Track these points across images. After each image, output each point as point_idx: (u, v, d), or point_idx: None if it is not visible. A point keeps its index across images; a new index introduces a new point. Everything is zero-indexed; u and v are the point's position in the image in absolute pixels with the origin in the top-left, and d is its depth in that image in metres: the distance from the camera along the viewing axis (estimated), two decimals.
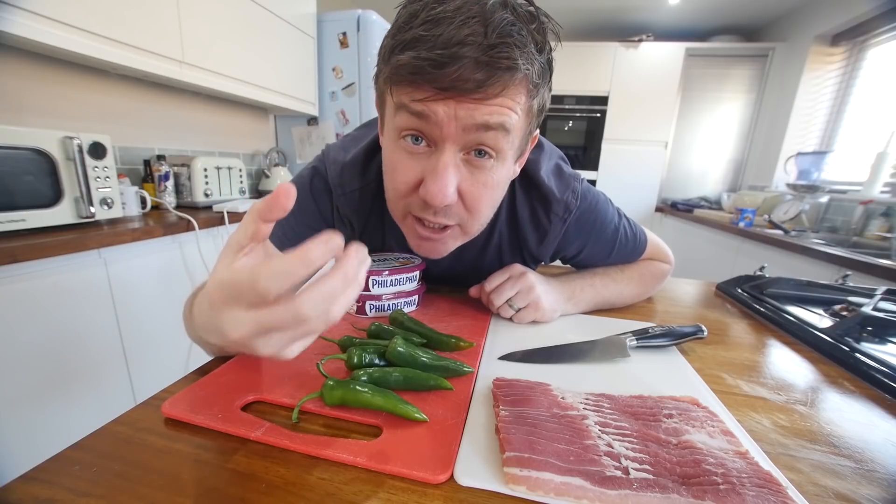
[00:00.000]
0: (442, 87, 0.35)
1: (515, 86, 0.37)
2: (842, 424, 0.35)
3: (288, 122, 2.28)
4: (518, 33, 0.35)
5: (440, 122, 0.37)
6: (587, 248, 0.60)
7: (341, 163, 0.54)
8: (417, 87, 0.36)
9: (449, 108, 0.36)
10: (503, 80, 0.35)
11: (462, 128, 0.37)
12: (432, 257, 0.50)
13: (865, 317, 0.54)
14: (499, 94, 0.36)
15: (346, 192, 0.55)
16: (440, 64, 0.33)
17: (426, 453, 0.28)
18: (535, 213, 0.56)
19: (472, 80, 0.34)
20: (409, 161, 0.41)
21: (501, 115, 0.37)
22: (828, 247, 1.51)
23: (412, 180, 0.42)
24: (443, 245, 0.48)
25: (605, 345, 0.45)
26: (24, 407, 0.88)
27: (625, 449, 0.28)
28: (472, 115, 0.36)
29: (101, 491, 0.25)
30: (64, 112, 1.30)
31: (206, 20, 1.44)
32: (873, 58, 2.16)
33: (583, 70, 3.02)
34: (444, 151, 0.39)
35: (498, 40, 0.33)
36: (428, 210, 0.43)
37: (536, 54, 0.37)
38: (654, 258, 0.67)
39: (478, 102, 0.36)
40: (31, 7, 0.95)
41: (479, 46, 0.33)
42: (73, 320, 0.96)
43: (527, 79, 0.37)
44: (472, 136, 0.38)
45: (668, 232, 2.94)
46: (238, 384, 0.36)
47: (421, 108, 0.37)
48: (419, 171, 0.41)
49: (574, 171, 0.57)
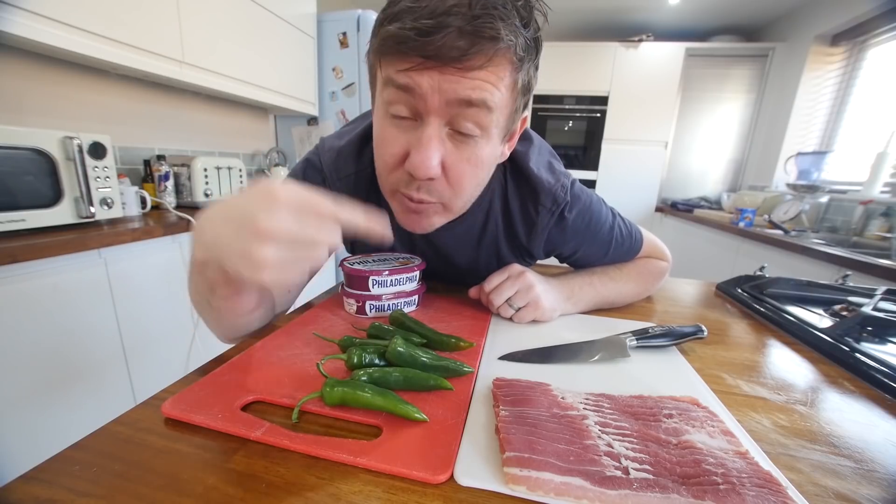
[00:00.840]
0: (426, 56, 0.35)
1: (499, 58, 0.37)
2: (842, 424, 0.35)
3: (288, 122, 2.28)
4: (503, 6, 0.35)
5: (424, 95, 0.37)
6: (583, 248, 0.60)
7: (336, 149, 0.55)
8: (403, 56, 0.37)
9: (433, 80, 0.37)
10: (486, 49, 0.36)
11: (445, 101, 0.38)
12: (417, 231, 0.50)
13: (865, 317, 0.54)
14: (482, 66, 0.36)
15: (340, 177, 0.55)
16: (425, 32, 0.34)
17: (426, 453, 0.28)
18: (524, 204, 0.57)
19: (456, 47, 0.35)
20: (396, 133, 0.42)
21: (484, 91, 0.38)
22: (828, 247, 1.51)
23: (399, 153, 0.42)
24: (427, 219, 0.48)
25: (605, 345, 0.45)
26: (24, 407, 0.88)
27: (625, 449, 0.28)
28: (455, 89, 0.37)
29: (101, 491, 0.25)
30: (64, 112, 1.30)
31: (206, 20, 1.44)
32: (873, 58, 2.16)
33: (583, 70, 3.02)
34: (429, 124, 0.39)
35: (482, 11, 0.34)
36: (412, 184, 0.43)
37: (521, 28, 0.37)
38: (651, 256, 0.67)
39: (461, 74, 0.36)
40: (31, 7, 0.95)
41: (464, 16, 0.34)
42: (73, 320, 0.96)
43: (511, 51, 0.37)
44: (455, 110, 0.39)
45: (668, 232, 2.94)
46: (238, 384, 0.36)
47: (405, 80, 0.37)
48: (405, 143, 0.41)
49: (565, 171, 0.58)
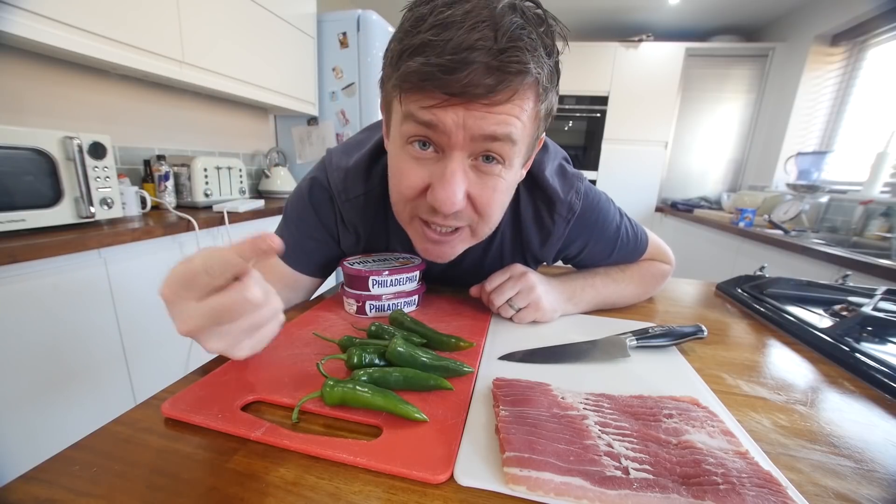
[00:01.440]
0: (452, 93, 0.34)
1: (525, 90, 0.36)
2: (842, 424, 0.35)
3: (288, 122, 2.28)
4: (528, 37, 0.34)
5: (448, 131, 0.37)
6: (589, 248, 0.60)
7: (344, 168, 0.54)
8: (427, 93, 0.35)
9: (458, 116, 0.36)
10: (514, 84, 0.35)
11: (470, 137, 0.37)
12: (440, 262, 0.50)
13: (865, 317, 0.54)
14: (509, 99, 0.35)
15: (349, 197, 0.54)
16: (450, 69, 0.33)
17: (426, 453, 0.28)
18: (538, 213, 0.56)
19: (483, 84, 0.34)
20: (415, 166, 0.41)
21: (508, 126, 0.37)
22: (828, 247, 1.51)
23: (419, 185, 0.41)
24: (451, 248, 0.48)
25: (605, 345, 0.45)
26: (24, 407, 0.88)
27: (625, 449, 0.28)
28: (481, 126, 0.36)
29: (101, 491, 0.25)
30: (64, 112, 1.30)
31: (206, 20, 1.44)
32: (873, 58, 2.16)
33: (583, 70, 3.01)
34: (453, 158, 0.39)
35: (508, 44, 0.33)
36: (437, 215, 0.43)
37: (546, 58, 0.36)
38: (654, 258, 0.67)
39: (487, 109, 0.35)
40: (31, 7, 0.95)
41: (490, 51, 0.33)
42: (73, 320, 0.96)
43: (537, 83, 0.37)
44: (479, 144, 0.38)
45: (668, 232, 2.94)
46: (238, 384, 0.36)
47: (429, 117, 0.36)
48: (426, 176, 0.41)
49: (577, 171, 0.57)
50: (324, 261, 0.60)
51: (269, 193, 2.08)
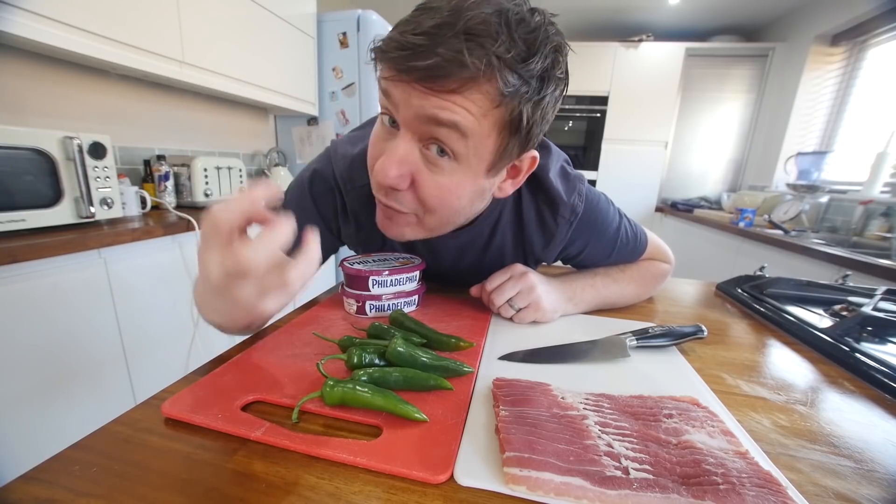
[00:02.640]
0: (398, 69, 0.36)
1: (474, 87, 0.35)
2: (842, 424, 0.35)
3: (288, 122, 2.28)
4: (491, 35, 0.33)
5: (396, 104, 0.38)
6: (588, 248, 0.60)
7: (350, 157, 0.54)
8: (387, 63, 0.37)
9: (404, 93, 0.37)
10: (454, 74, 0.34)
11: (414, 115, 0.37)
12: (390, 237, 0.49)
13: (865, 317, 0.54)
14: (455, 90, 0.35)
15: (355, 186, 0.54)
16: (402, 46, 0.34)
17: (426, 453, 0.28)
18: (541, 215, 0.56)
19: (424, 67, 0.34)
20: (379, 140, 0.43)
21: (454, 114, 0.36)
22: (828, 247, 1.51)
23: (376, 155, 0.42)
24: (398, 227, 0.47)
25: (605, 345, 0.45)
26: (24, 407, 0.88)
27: (625, 449, 0.28)
28: (423, 105, 0.36)
29: (101, 491, 0.25)
30: (64, 112, 1.30)
31: (206, 20, 1.44)
32: (873, 58, 2.16)
33: (583, 70, 3.01)
34: (400, 136, 0.40)
35: (466, 37, 0.33)
36: (380, 190, 0.43)
37: (517, 63, 0.34)
38: (654, 258, 0.67)
39: (430, 93, 0.35)
40: (31, 7, 0.95)
41: (445, 38, 0.33)
42: (73, 320, 0.96)
43: (490, 84, 0.35)
44: (424, 126, 0.38)
45: (668, 232, 2.94)
46: (238, 384, 0.36)
47: (385, 85, 0.38)
48: (383, 149, 0.42)
49: (578, 173, 0.57)
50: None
51: None
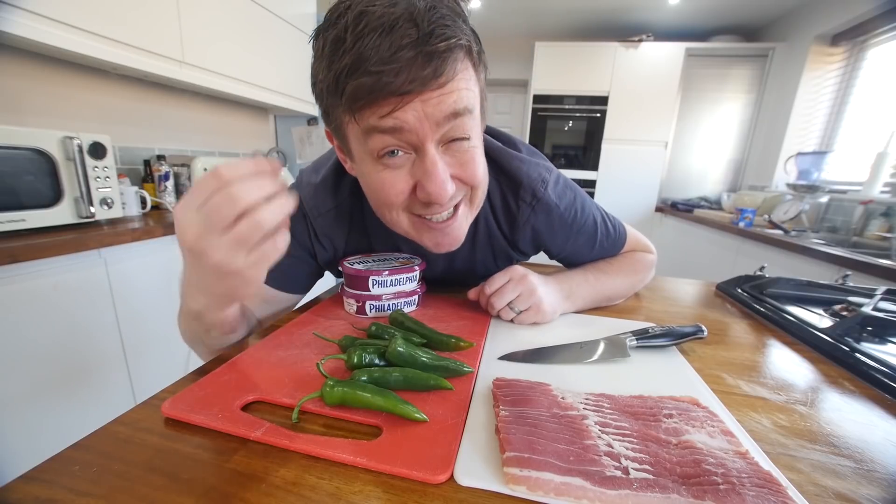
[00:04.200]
0: (404, 92, 0.36)
1: (462, 62, 0.38)
2: (842, 424, 0.35)
3: (288, 122, 2.28)
4: (441, 13, 0.36)
5: (414, 128, 0.38)
6: (570, 243, 0.61)
7: (314, 185, 0.55)
8: (380, 103, 0.36)
9: (417, 110, 0.37)
10: (450, 60, 0.36)
11: (435, 123, 0.38)
12: (452, 249, 0.50)
13: (865, 317, 0.54)
14: (453, 77, 0.37)
15: (321, 213, 0.55)
16: (392, 72, 0.34)
17: (426, 453, 0.28)
18: (505, 198, 0.57)
19: (426, 73, 0.35)
20: (395, 175, 0.42)
21: (463, 99, 0.38)
22: (828, 247, 1.51)
23: (406, 190, 0.43)
24: (458, 230, 0.49)
25: (605, 345, 0.45)
26: (24, 407, 0.88)
27: (625, 449, 0.28)
28: (441, 109, 0.37)
29: (101, 491, 0.25)
30: (64, 112, 1.30)
31: (206, 20, 1.45)
32: (873, 58, 2.16)
33: (583, 70, 3.01)
34: (427, 151, 0.40)
35: (430, 27, 0.35)
36: (433, 206, 0.44)
37: (462, 24, 0.38)
38: (636, 250, 0.68)
39: (439, 92, 0.37)
40: (31, 7, 0.95)
41: (418, 41, 0.34)
42: (73, 320, 0.96)
43: (469, 49, 0.39)
44: (444, 128, 0.39)
45: (668, 232, 2.94)
46: (238, 384, 0.36)
47: (392, 122, 0.37)
48: (409, 178, 0.42)
49: (549, 165, 0.58)
50: (300, 276, 0.59)
51: None
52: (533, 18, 3.06)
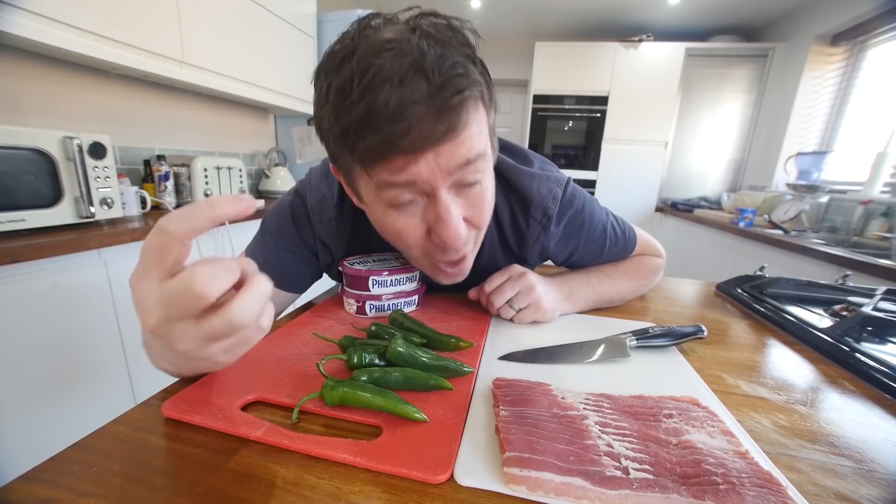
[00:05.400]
0: (415, 151, 0.35)
1: (475, 110, 0.37)
2: (842, 424, 0.35)
3: (288, 122, 2.28)
4: (453, 60, 0.34)
5: (427, 181, 0.37)
6: (578, 251, 0.60)
7: (323, 193, 0.54)
8: (392, 160, 0.35)
9: (430, 164, 0.36)
10: (464, 112, 0.35)
11: (447, 172, 0.37)
12: (456, 281, 0.50)
13: (865, 317, 0.54)
14: (466, 125, 0.36)
15: (323, 220, 0.55)
16: (405, 131, 0.33)
17: (426, 453, 0.28)
18: (514, 216, 0.57)
19: (440, 129, 0.34)
20: (408, 221, 0.41)
21: (475, 147, 0.37)
22: (828, 247, 1.51)
23: (420, 234, 0.42)
24: (466, 265, 0.49)
25: (605, 345, 0.45)
26: (24, 407, 0.88)
27: (625, 449, 0.28)
28: (454, 160, 0.37)
29: (101, 491, 0.25)
30: (64, 112, 1.30)
31: (206, 20, 1.45)
32: (873, 58, 2.16)
33: (583, 70, 3.02)
34: (440, 198, 0.39)
35: (441, 79, 0.33)
36: (448, 251, 0.43)
37: (475, 70, 0.36)
38: (645, 254, 0.68)
39: (452, 144, 0.36)
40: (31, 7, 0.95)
41: (429, 96, 0.33)
42: (73, 320, 0.96)
43: (475, 101, 0.37)
44: (457, 174, 0.38)
45: (668, 232, 2.94)
46: (238, 384, 0.36)
47: (405, 178, 0.36)
48: (421, 224, 0.42)
49: (560, 176, 0.57)
50: (301, 274, 0.59)
51: (269, 193, 2.08)
52: (533, 18, 3.06)
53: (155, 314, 0.24)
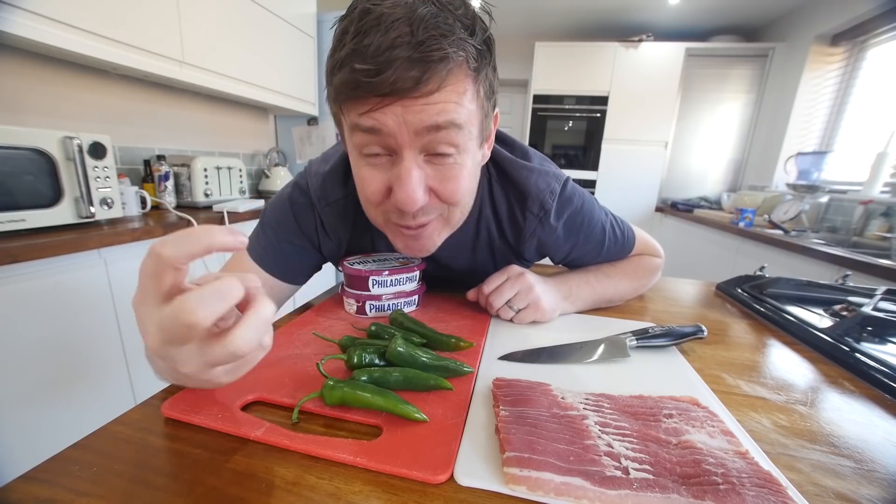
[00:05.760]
0: (383, 94, 0.35)
1: (454, 75, 0.37)
2: (842, 424, 0.35)
3: (288, 122, 2.28)
4: (444, 23, 0.35)
5: (392, 132, 0.37)
6: (576, 250, 0.60)
7: (322, 174, 0.55)
8: (361, 100, 0.36)
9: (396, 115, 0.36)
10: (439, 71, 0.35)
11: (414, 132, 0.37)
12: (423, 255, 0.50)
13: (865, 317, 0.54)
14: (440, 87, 0.36)
15: (329, 202, 0.54)
16: (375, 72, 0.34)
17: (426, 453, 0.28)
18: (511, 209, 0.57)
19: (409, 77, 0.34)
20: (374, 173, 0.42)
21: (448, 113, 0.37)
22: (828, 247, 1.51)
23: (380, 189, 0.42)
24: (429, 241, 0.48)
25: (605, 345, 0.45)
26: (24, 407, 0.88)
27: (625, 449, 0.28)
28: (421, 118, 0.36)
29: (101, 491, 0.25)
30: (64, 112, 1.30)
31: (206, 20, 1.45)
32: (873, 58, 2.16)
33: (583, 70, 3.01)
34: (405, 158, 0.39)
35: (426, 35, 0.34)
36: (406, 216, 0.43)
37: (468, 38, 0.36)
38: (644, 253, 0.68)
39: (422, 102, 0.36)
40: (31, 7, 0.95)
41: (409, 45, 0.33)
42: (73, 320, 0.96)
43: (464, 65, 0.37)
44: (426, 137, 0.38)
45: (667, 232, 2.94)
46: (238, 384, 0.35)
47: (370, 122, 0.37)
48: (385, 180, 0.41)
49: (558, 172, 0.57)
50: (300, 266, 0.59)
51: (269, 193, 2.08)
52: (533, 18, 3.06)
53: (155, 338, 0.25)
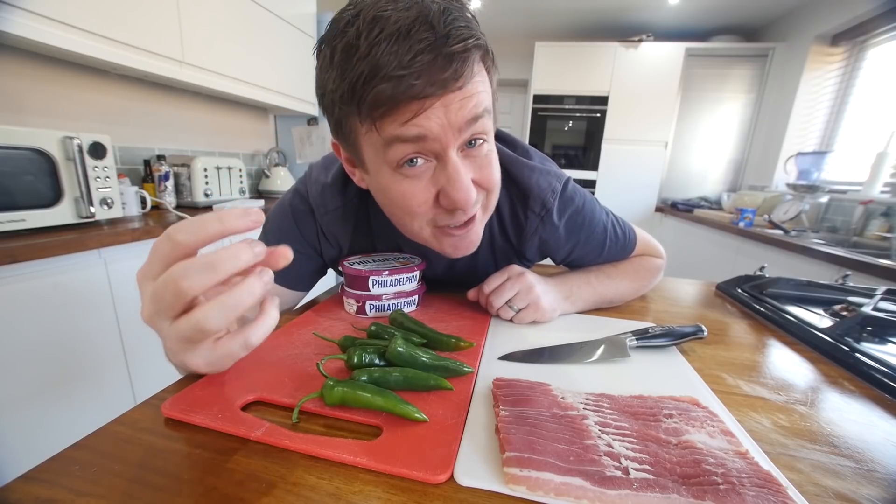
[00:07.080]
0: (425, 96, 0.35)
1: (478, 63, 0.38)
2: (842, 424, 0.35)
3: (288, 122, 2.28)
4: (457, 12, 0.36)
5: (437, 136, 0.37)
6: (577, 250, 0.60)
7: (322, 183, 0.55)
8: (402, 108, 0.35)
9: (440, 116, 0.36)
10: (469, 61, 0.36)
11: (458, 129, 0.38)
12: (471, 251, 0.49)
13: (865, 317, 0.54)
14: (472, 77, 0.37)
15: (328, 210, 0.55)
16: (415, 75, 0.33)
17: (426, 453, 0.28)
18: (513, 208, 0.57)
19: (447, 74, 0.35)
20: (416, 185, 0.41)
21: (483, 102, 0.38)
22: (828, 247, 1.51)
23: (428, 199, 0.42)
24: (476, 234, 0.48)
25: (605, 345, 0.45)
26: (24, 407, 0.88)
27: (625, 449, 0.28)
28: (462, 114, 0.37)
29: (101, 491, 0.25)
30: (64, 112, 1.30)
31: (206, 20, 1.45)
32: (873, 58, 2.16)
33: (583, 70, 3.02)
34: (450, 159, 0.39)
35: (446, 29, 0.34)
36: (456, 214, 0.43)
37: (471, 20, 0.37)
38: (645, 254, 0.68)
39: (461, 95, 0.36)
40: (31, 7, 0.95)
41: (436, 44, 0.34)
42: (73, 320, 0.96)
43: (485, 50, 0.39)
44: (466, 133, 0.39)
45: (667, 232, 2.94)
46: (238, 384, 0.36)
47: (415, 130, 0.36)
48: (431, 187, 0.41)
49: (559, 172, 0.57)
50: (304, 272, 0.59)
51: (269, 193, 2.08)
52: (533, 18, 3.06)
53: (147, 308, 0.28)
